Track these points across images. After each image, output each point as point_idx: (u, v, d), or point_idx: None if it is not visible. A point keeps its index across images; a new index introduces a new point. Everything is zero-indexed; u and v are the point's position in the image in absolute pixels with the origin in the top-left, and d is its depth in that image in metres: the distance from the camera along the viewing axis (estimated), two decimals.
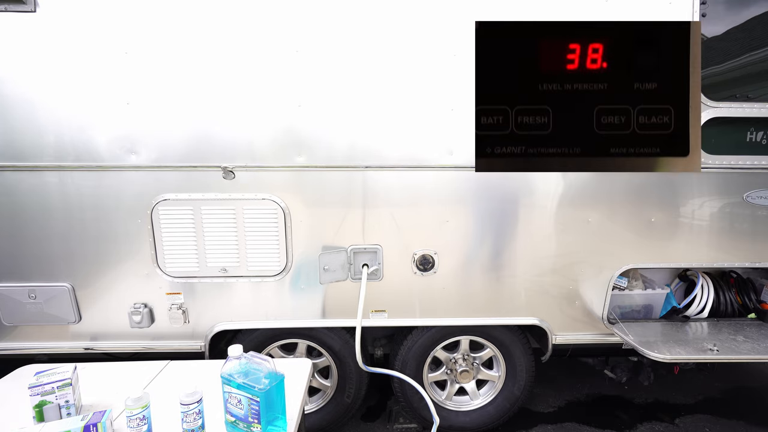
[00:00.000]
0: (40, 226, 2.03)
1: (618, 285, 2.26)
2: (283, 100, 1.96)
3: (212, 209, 2.04)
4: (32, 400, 1.40)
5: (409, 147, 2.02)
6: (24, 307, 2.10)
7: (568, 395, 2.94)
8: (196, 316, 2.18)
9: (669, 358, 1.97)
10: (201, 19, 1.89)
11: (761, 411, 2.77)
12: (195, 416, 1.37)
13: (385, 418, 2.68)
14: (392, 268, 2.16)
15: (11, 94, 1.90)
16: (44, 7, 1.85)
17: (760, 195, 2.12)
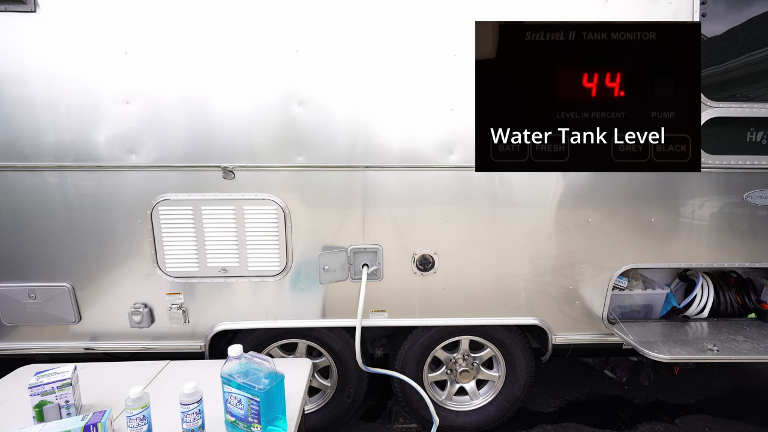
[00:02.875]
0: (40, 226, 2.03)
1: (618, 285, 2.26)
2: (283, 100, 1.96)
3: (212, 209, 2.04)
4: (32, 400, 1.40)
5: (410, 147, 2.02)
6: (24, 307, 2.10)
7: (568, 395, 2.93)
8: (196, 316, 2.18)
9: (669, 358, 1.96)
10: (200, 18, 1.89)
11: (761, 411, 2.77)
12: (195, 416, 1.37)
13: (385, 418, 2.68)
14: (392, 268, 2.16)
15: (11, 94, 1.90)
16: (44, 7, 1.85)
17: (760, 195, 2.12)
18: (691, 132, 1.91)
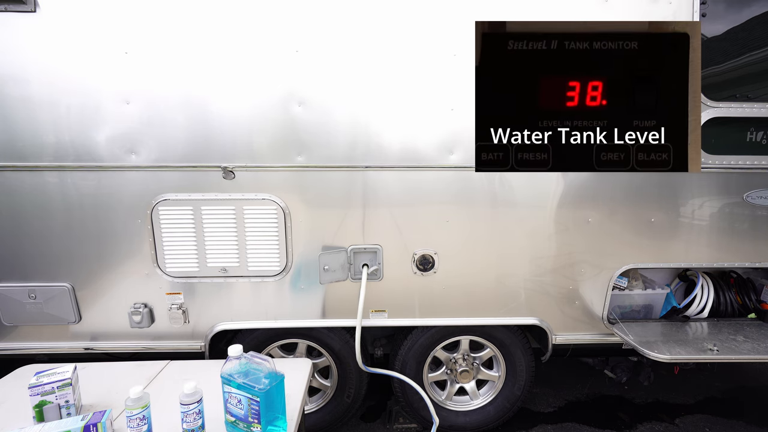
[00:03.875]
0: (40, 226, 2.03)
1: (618, 285, 2.26)
2: (283, 100, 1.96)
3: (212, 209, 2.04)
4: (32, 400, 1.40)
5: (410, 147, 2.02)
6: (24, 307, 2.10)
7: (568, 395, 2.93)
8: (196, 316, 2.18)
9: (669, 358, 1.96)
10: (200, 18, 1.89)
11: (761, 411, 2.77)
12: (195, 416, 1.37)
13: (385, 418, 2.68)
14: (392, 268, 2.15)
15: (11, 94, 1.90)
16: (44, 7, 1.85)
17: (760, 195, 2.12)
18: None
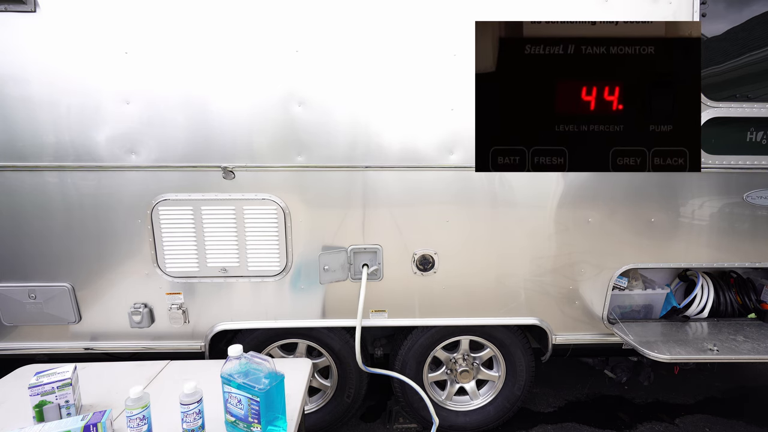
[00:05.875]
0: (40, 226, 2.03)
1: (618, 285, 2.26)
2: (283, 100, 1.95)
3: (212, 209, 2.04)
4: (32, 400, 1.40)
5: (410, 147, 2.02)
6: (24, 307, 2.10)
7: (568, 395, 2.93)
8: (196, 316, 2.18)
9: (669, 358, 1.96)
10: (200, 18, 1.89)
11: (761, 411, 2.77)
12: (195, 416, 1.37)
13: (385, 418, 2.68)
14: (392, 268, 2.15)
15: (11, 94, 1.90)
16: (44, 7, 1.85)
17: (760, 195, 2.11)
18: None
